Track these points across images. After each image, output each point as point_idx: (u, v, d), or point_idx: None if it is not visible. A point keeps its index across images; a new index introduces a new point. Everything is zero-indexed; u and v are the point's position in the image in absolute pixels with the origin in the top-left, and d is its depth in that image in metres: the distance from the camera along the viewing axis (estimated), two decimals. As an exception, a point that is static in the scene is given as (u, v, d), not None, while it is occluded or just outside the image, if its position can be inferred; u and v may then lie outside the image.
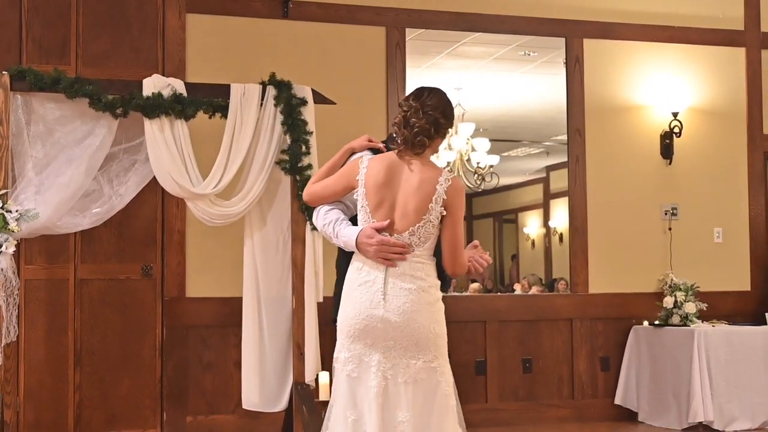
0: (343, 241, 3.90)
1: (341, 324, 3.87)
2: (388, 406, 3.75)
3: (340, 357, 3.86)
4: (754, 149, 8.67)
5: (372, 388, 3.76)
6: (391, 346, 3.78)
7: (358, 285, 3.83)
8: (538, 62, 9.01)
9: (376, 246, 3.78)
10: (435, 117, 3.87)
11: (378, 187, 3.82)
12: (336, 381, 3.87)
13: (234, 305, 6.77)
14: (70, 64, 7.00)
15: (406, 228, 3.81)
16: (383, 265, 3.79)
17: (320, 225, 4.01)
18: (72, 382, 7.00)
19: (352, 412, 3.77)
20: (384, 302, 3.77)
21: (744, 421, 7.58)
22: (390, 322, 3.77)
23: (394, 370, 3.78)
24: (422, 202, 3.80)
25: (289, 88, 6.42)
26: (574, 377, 8.05)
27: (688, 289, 7.95)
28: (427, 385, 3.80)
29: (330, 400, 3.91)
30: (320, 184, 4.03)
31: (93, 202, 6.26)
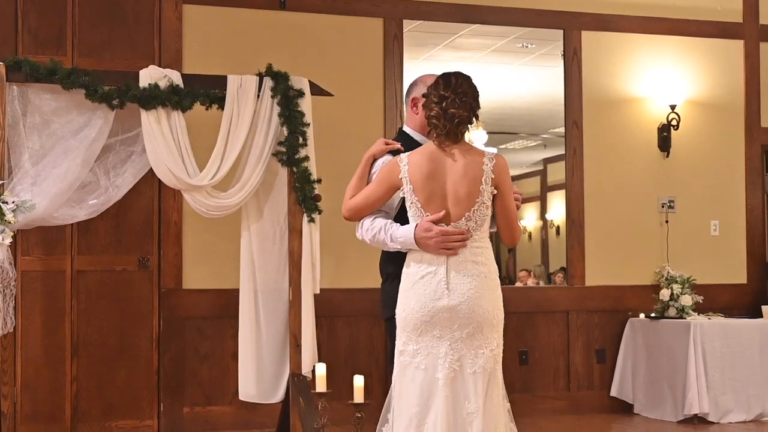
0: (400, 242, 3.86)
1: (405, 318, 3.84)
2: (456, 397, 3.75)
3: (407, 350, 3.83)
4: (751, 142, 8.67)
5: (439, 379, 3.76)
6: (458, 336, 3.78)
7: (420, 278, 3.81)
8: (535, 54, 9.00)
9: (436, 238, 3.76)
10: (470, 103, 3.88)
11: (425, 180, 3.81)
12: (402, 373, 3.84)
13: (231, 297, 6.78)
14: (66, 55, 6.99)
15: (461, 215, 3.81)
16: (445, 255, 3.79)
17: (369, 236, 3.96)
18: (69, 373, 7.00)
19: (418, 404, 3.76)
20: (448, 291, 3.77)
21: (739, 413, 7.60)
22: (456, 310, 3.77)
23: (461, 361, 3.78)
24: (472, 185, 3.80)
25: (286, 80, 6.40)
26: (570, 369, 8.06)
27: (685, 281, 7.96)
28: (492, 375, 3.83)
29: (391, 392, 3.88)
30: (359, 196, 4.00)
31: (89, 193, 6.25)
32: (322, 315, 6.72)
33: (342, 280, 7.47)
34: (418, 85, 4.22)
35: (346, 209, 4.04)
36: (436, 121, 3.84)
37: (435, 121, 3.85)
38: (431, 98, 3.89)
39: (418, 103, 4.13)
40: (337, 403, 6.50)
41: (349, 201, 4.04)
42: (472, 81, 3.95)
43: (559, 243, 9.28)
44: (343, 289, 7.47)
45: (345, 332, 7.55)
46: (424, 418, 3.75)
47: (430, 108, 3.88)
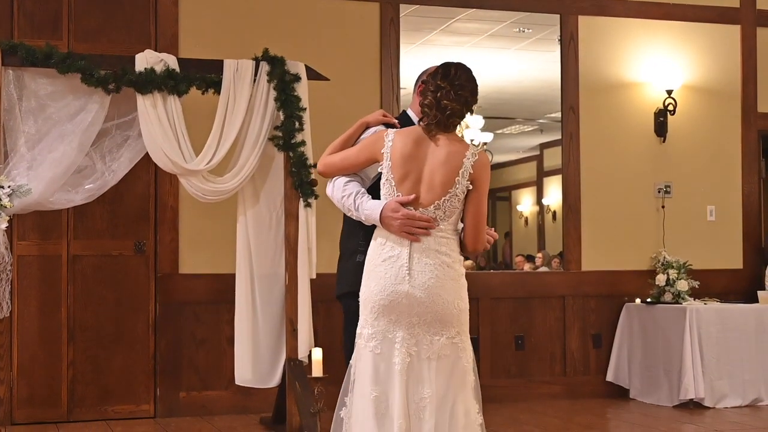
0: (365, 215, 3.84)
1: (365, 300, 3.82)
2: (412, 382, 3.74)
3: (363, 333, 3.82)
4: (748, 127, 8.66)
5: (396, 364, 3.74)
6: (415, 322, 3.75)
7: (382, 261, 3.79)
8: (532, 39, 8.98)
9: (401, 220, 3.73)
10: (466, 97, 3.84)
11: (404, 160, 3.78)
12: (358, 357, 3.83)
13: (227, 282, 6.78)
14: (61, 39, 6.97)
15: (431, 202, 3.77)
16: (407, 239, 3.76)
17: (338, 196, 3.94)
18: (65, 358, 7.01)
19: (374, 389, 3.74)
20: (409, 277, 3.74)
21: (734, 398, 7.62)
22: (415, 298, 3.74)
23: (417, 347, 3.75)
24: (449, 175, 3.77)
25: (283, 64, 6.40)
26: (566, 354, 8.07)
27: (681, 266, 7.97)
28: (449, 361, 3.79)
29: (350, 375, 3.86)
30: (339, 155, 3.98)
31: (85, 178, 6.25)
32: (318, 300, 6.71)
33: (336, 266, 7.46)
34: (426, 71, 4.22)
35: (322, 164, 4.03)
36: (428, 110, 3.82)
37: (426, 109, 3.83)
38: (428, 86, 3.87)
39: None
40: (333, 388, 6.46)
41: (326, 156, 4.03)
42: (471, 74, 3.91)
43: (555, 228, 9.28)
44: (339, 274, 7.46)
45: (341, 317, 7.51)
46: (381, 403, 3.73)
47: (425, 96, 3.87)
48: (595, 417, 7.35)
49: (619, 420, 7.31)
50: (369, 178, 3.98)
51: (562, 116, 8.26)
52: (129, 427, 6.79)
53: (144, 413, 7.13)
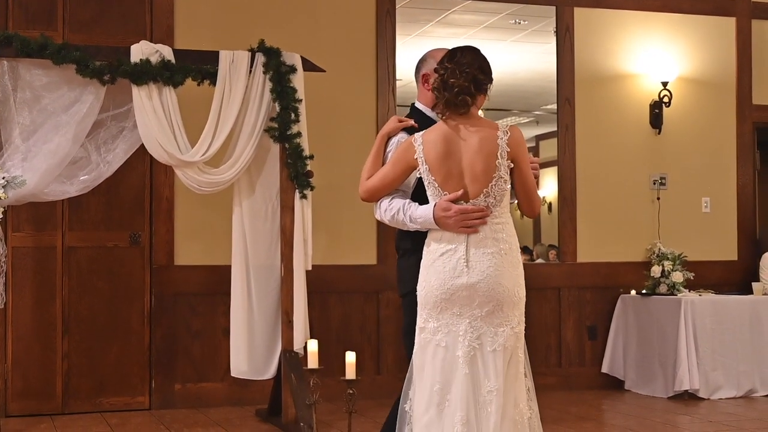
0: (420, 222, 3.81)
1: (425, 296, 3.79)
2: (476, 375, 3.71)
3: (427, 327, 3.78)
4: (742, 119, 8.67)
5: (459, 357, 3.71)
6: (477, 314, 3.73)
7: (440, 255, 3.76)
8: (528, 31, 8.98)
9: (455, 217, 3.71)
10: (473, 74, 3.79)
11: (440, 159, 3.75)
12: (423, 350, 3.80)
13: (222, 273, 6.77)
14: (56, 30, 6.94)
15: (479, 192, 3.75)
16: (465, 233, 3.74)
17: (388, 217, 3.90)
18: (60, 349, 6.99)
19: (437, 381, 3.72)
20: (467, 269, 3.72)
21: (729, 389, 7.64)
22: (475, 289, 3.72)
23: (481, 339, 3.73)
24: (489, 161, 3.74)
25: (279, 56, 6.38)
26: (561, 346, 8.08)
27: (676, 258, 7.98)
28: (510, 353, 3.78)
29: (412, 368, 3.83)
30: (376, 178, 3.92)
31: (80, 169, 6.24)
32: (313, 291, 6.72)
33: (334, 257, 7.47)
34: (428, 60, 4.15)
35: (363, 191, 3.96)
36: (437, 93, 3.80)
37: (436, 92, 3.80)
38: (437, 72, 3.85)
39: (429, 78, 4.09)
40: (328, 380, 6.51)
41: (365, 182, 3.96)
42: (480, 53, 3.87)
43: (551, 220, 9.29)
44: (335, 266, 7.46)
45: (337, 309, 7.55)
46: (445, 395, 3.71)
47: (434, 81, 3.85)
48: (591, 408, 7.36)
49: (614, 411, 7.33)
50: (409, 187, 3.96)
51: (557, 108, 8.26)
52: (124, 419, 6.78)
53: (139, 405, 7.13)
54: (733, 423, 6.62)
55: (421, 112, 4.11)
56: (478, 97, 3.82)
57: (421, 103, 4.16)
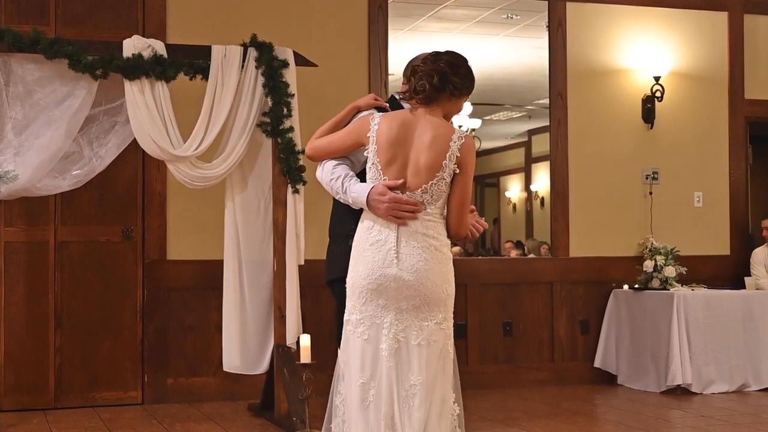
0: (352, 198, 3.81)
1: (352, 285, 3.78)
2: (400, 369, 3.70)
3: (351, 319, 3.77)
4: (735, 114, 8.68)
5: (383, 350, 3.70)
6: (404, 307, 3.72)
7: (370, 244, 3.75)
8: (520, 25, 8.97)
9: (388, 203, 3.70)
10: (443, 69, 3.80)
11: (390, 144, 3.75)
12: (346, 343, 3.79)
13: (215, 268, 6.77)
14: (48, 25, 6.92)
15: (418, 186, 3.74)
16: (394, 223, 3.73)
17: (327, 180, 3.91)
18: (52, 344, 6.99)
19: (361, 375, 3.71)
20: (397, 261, 3.70)
21: (722, 383, 7.65)
22: (403, 281, 3.70)
23: (406, 333, 3.72)
24: (436, 159, 3.73)
25: (271, 50, 6.38)
26: (554, 340, 8.09)
27: (668, 253, 7.99)
28: (437, 347, 3.76)
29: (339, 362, 3.82)
30: (325, 139, 3.94)
31: (73, 164, 6.23)
32: (306, 286, 6.72)
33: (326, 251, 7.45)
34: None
35: (309, 147, 4.00)
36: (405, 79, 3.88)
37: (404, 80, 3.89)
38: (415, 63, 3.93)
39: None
40: (321, 374, 6.48)
41: (314, 140, 3.99)
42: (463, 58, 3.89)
43: (543, 215, 9.29)
44: (327, 261, 7.45)
45: (329, 303, 7.51)
46: (368, 391, 3.70)
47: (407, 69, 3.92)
48: (583, 403, 7.37)
49: (607, 406, 7.34)
50: (359, 162, 3.97)
51: (550, 103, 8.27)
52: (116, 414, 6.78)
53: (132, 400, 7.12)
54: (726, 417, 6.64)
55: (398, 104, 4.17)
56: (441, 94, 3.80)
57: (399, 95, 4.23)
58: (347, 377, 3.77)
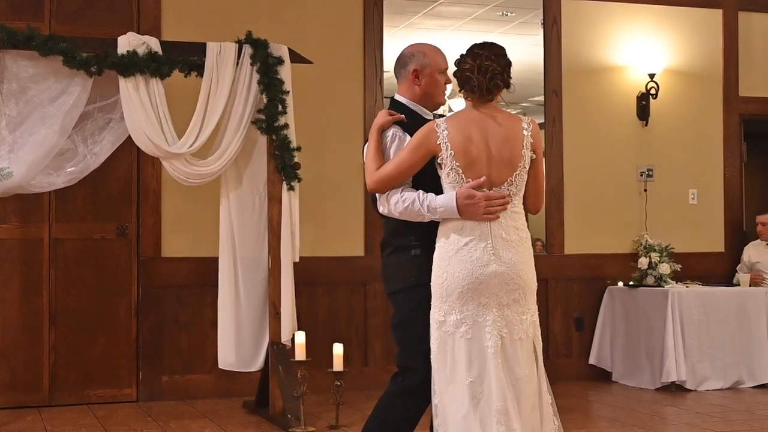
0: (440, 212, 3.75)
1: (448, 287, 3.74)
2: (507, 364, 3.71)
3: (448, 320, 3.74)
4: (729, 111, 8.69)
5: (489, 347, 3.69)
6: (504, 302, 3.73)
7: (463, 245, 3.73)
8: (515, 23, 8.97)
9: (480, 203, 3.70)
10: (507, 60, 3.83)
11: (467, 145, 3.73)
12: (444, 345, 3.75)
13: (210, 265, 6.77)
14: (43, 21, 6.91)
15: (504, 179, 3.76)
16: (487, 220, 3.73)
17: (400, 208, 3.82)
18: (47, 342, 6.98)
19: (468, 374, 3.69)
20: (495, 257, 3.72)
21: (716, 380, 7.66)
22: (504, 276, 3.72)
23: (509, 328, 3.73)
24: (516, 150, 3.76)
25: (266, 47, 6.37)
26: (549, 337, 8.09)
27: (663, 250, 8.00)
28: (533, 340, 3.81)
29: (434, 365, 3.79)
30: (390, 165, 3.82)
31: (67, 161, 6.21)
32: (301, 283, 6.72)
33: (321, 249, 7.47)
34: (416, 55, 4.09)
35: (375, 180, 3.85)
36: (470, 74, 3.76)
37: (468, 74, 3.77)
38: (464, 59, 3.83)
39: (421, 73, 4.07)
40: (316, 372, 6.52)
41: (377, 172, 3.85)
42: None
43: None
44: (322, 258, 7.46)
45: (324, 300, 7.55)
46: (478, 388, 3.69)
47: (464, 64, 3.81)
48: (578, 400, 7.38)
49: (602, 403, 7.35)
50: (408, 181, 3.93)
51: (545, 100, 8.27)
52: (111, 411, 6.77)
53: (126, 397, 7.12)
54: (720, 414, 6.65)
55: (404, 105, 4.08)
56: (503, 87, 3.82)
57: (404, 96, 4.12)
58: (448, 378, 3.75)
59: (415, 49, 4.13)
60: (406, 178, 3.84)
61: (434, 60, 4.08)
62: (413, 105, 4.06)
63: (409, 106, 4.06)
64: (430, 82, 4.07)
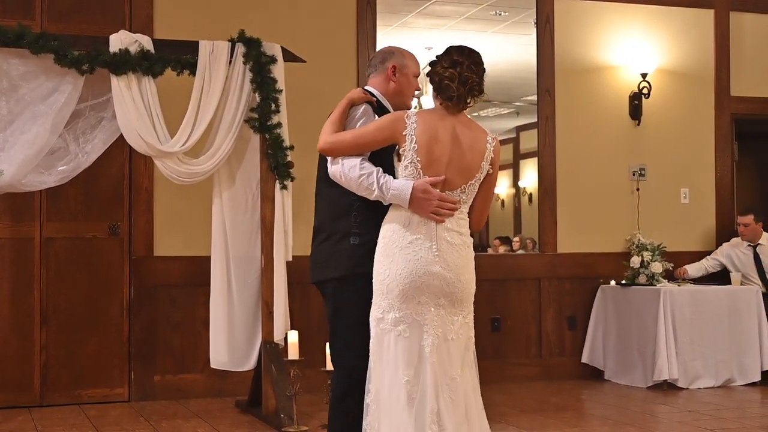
0: (391, 194, 3.76)
1: (389, 284, 3.76)
2: (441, 365, 3.75)
3: (387, 318, 3.77)
4: (721, 111, 8.71)
5: (426, 347, 3.74)
6: (441, 303, 3.78)
7: (408, 242, 3.76)
8: (509, 22, 8.98)
9: (433, 201, 3.74)
10: (483, 69, 3.90)
11: (432, 142, 3.77)
12: (380, 342, 3.78)
13: (202, 264, 6.75)
14: (34, 19, 6.88)
15: (458, 186, 3.81)
16: (432, 220, 3.77)
17: (354, 175, 3.81)
18: (38, 341, 6.95)
19: (405, 373, 3.72)
20: (438, 258, 3.76)
21: (708, 378, 7.68)
22: (445, 279, 3.76)
23: (443, 328, 3.78)
24: (476, 160, 3.82)
25: (259, 46, 6.36)
26: (541, 336, 8.10)
27: (655, 248, 8.01)
28: (464, 341, 3.85)
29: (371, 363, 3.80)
30: (350, 134, 3.86)
31: (59, 159, 6.19)
32: (294, 282, 6.70)
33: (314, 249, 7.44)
34: (396, 54, 4.18)
35: (330, 142, 3.87)
36: (449, 83, 3.80)
37: (448, 82, 3.80)
38: (441, 63, 3.86)
39: (399, 71, 4.12)
40: (309, 371, 6.51)
41: (333, 135, 3.88)
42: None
43: (531, 211, 9.30)
44: (315, 257, 7.43)
45: (317, 299, 7.47)
46: (414, 387, 3.72)
47: (440, 70, 3.84)
48: (571, 398, 7.38)
49: (594, 401, 7.35)
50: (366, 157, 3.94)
51: (538, 99, 8.27)
52: (103, 411, 6.75)
53: (118, 397, 7.10)
54: (712, 412, 6.66)
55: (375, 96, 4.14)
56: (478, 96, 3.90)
57: (376, 89, 4.17)
58: (384, 376, 3.76)
59: (395, 49, 4.25)
60: (357, 152, 3.84)
61: (412, 63, 4.20)
62: (381, 97, 4.13)
63: (379, 98, 4.12)
64: (405, 82, 4.17)
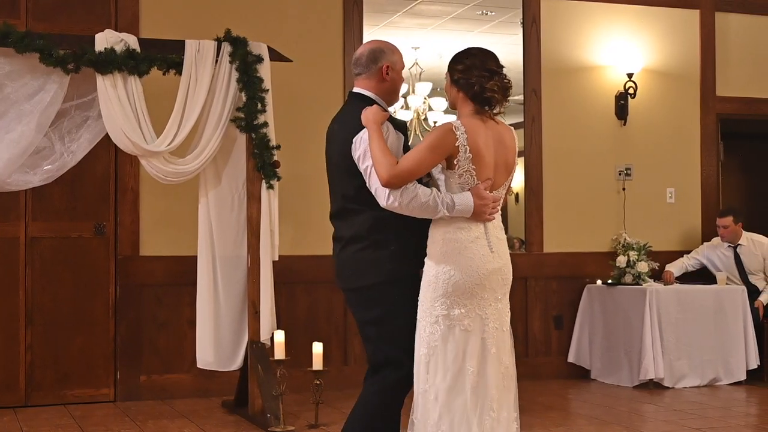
0: (460, 208, 3.85)
1: (455, 283, 3.88)
2: (498, 353, 3.93)
3: (452, 314, 3.89)
4: (706, 111, 8.74)
5: (486, 339, 3.91)
6: (499, 297, 3.97)
7: (470, 242, 3.90)
8: (495, 22, 8.99)
9: (490, 205, 3.90)
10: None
11: (482, 150, 3.89)
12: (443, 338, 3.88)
13: (188, 264, 6.74)
14: (19, 18, 6.86)
15: (501, 184, 3.99)
16: (488, 221, 3.94)
17: (417, 202, 3.83)
18: (23, 341, 6.93)
19: (471, 364, 3.87)
20: (492, 255, 3.93)
21: (693, 378, 7.71)
22: (503, 272, 3.98)
23: (500, 320, 3.97)
24: (511, 157, 4.01)
25: (245, 45, 6.34)
26: (528, 336, 8.11)
27: (641, 248, 8.03)
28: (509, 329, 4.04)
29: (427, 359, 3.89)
30: (409, 162, 3.84)
31: (44, 159, 6.17)
32: (280, 282, 6.70)
33: (301, 247, 7.45)
34: (386, 52, 4.14)
35: (395, 175, 3.82)
36: (493, 94, 3.93)
37: (491, 93, 3.93)
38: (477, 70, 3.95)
39: (392, 69, 4.11)
40: (295, 371, 6.51)
41: (396, 167, 3.84)
42: None
43: (518, 210, 9.31)
44: (301, 256, 7.44)
45: (304, 299, 7.53)
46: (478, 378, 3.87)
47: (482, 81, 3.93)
48: (557, 398, 7.40)
49: (580, 400, 7.37)
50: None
51: (524, 99, 8.28)
52: (88, 412, 6.73)
53: (104, 397, 7.08)
54: (698, 411, 6.68)
55: (372, 100, 4.12)
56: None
57: (369, 91, 4.13)
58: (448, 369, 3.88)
59: (383, 46, 4.20)
60: (421, 175, 3.93)
61: (399, 58, 4.22)
62: (379, 100, 4.12)
63: (376, 101, 4.11)
64: (397, 79, 4.20)
